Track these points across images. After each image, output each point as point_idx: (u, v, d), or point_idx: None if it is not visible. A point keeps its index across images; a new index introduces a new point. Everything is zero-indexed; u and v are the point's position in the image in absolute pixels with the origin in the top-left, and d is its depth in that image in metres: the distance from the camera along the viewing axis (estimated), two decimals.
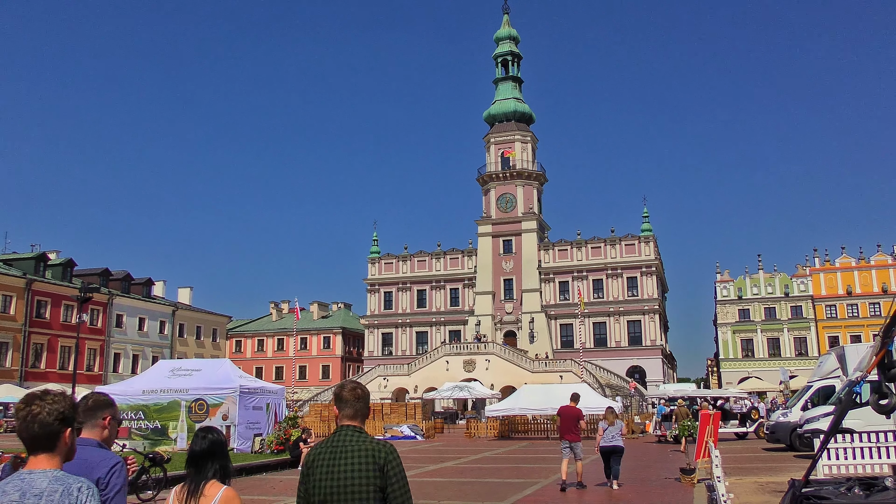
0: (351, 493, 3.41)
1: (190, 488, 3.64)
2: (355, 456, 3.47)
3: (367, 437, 3.57)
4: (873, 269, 66.94)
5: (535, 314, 70.66)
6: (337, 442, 3.55)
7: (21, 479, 2.74)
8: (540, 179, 77.03)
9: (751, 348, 69.09)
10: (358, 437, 3.55)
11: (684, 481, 15.61)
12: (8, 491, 2.70)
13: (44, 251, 60.53)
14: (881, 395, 5.68)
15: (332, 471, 3.46)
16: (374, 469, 3.44)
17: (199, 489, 3.63)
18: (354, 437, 3.56)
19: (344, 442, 3.54)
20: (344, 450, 3.50)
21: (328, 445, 3.56)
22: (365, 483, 3.42)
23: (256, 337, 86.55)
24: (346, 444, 3.53)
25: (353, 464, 3.45)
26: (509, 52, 78.81)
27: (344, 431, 3.60)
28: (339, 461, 3.47)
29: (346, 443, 3.53)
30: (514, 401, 36.25)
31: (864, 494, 5.53)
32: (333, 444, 3.55)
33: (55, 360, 56.56)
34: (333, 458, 3.49)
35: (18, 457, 12.76)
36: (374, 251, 79.41)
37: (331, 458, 3.50)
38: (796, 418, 23.67)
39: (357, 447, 3.50)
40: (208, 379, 25.08)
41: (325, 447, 3.56)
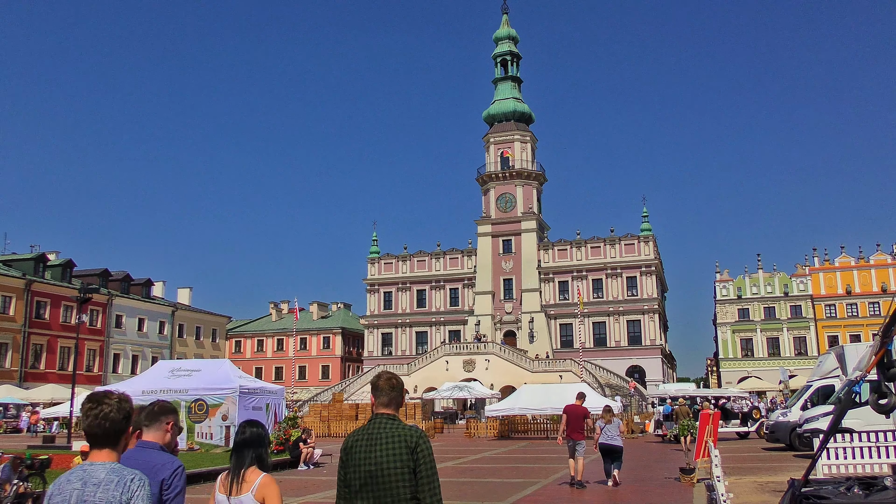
0: (387, 476, 3.66)
1: (233, 474, 4.02)
2: (390, 441, 3.73)
3: (400, 424, 3.84)
4: (872, 268, 66.94)
5: (535, 314, 70.67)
6: (373, 429, 3.82)
7: (83, 469, 3.08)
8: (539, 179, 77.03)
9: (750, 348, 69.10)
10: (392, 424, 3.83)
11: (684, 481, 15.62)
12: (72, 480, 3.06)
13: (43, 252, 60.48)
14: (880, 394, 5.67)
15: (369, 456, 3.73)
16: (406, 452, 3.69)
17: (241, 475, 4.01)
18: (389, 423, 3.83)
19: (379, 428, 3.81)
20: (379, 436, 3.77)
21: (365, 432, 3.84)
22: (399, 466, 3.67)
23: (256, 337, 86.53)
24: (381, 430, 3.79)
25: (389, 449, 3.71)
26: (508, 52, 78.81)
27: (379, 419, 3.87)
28: (376, 446, 3.74)
29: (382, 429, 3.80)
30: (513, 401, 36.24)
31: (863, 494, 5.52)
32: (370, 430, 3.83)
33: (55, 361, 56.55)
34: (370, 444, 3.76)
35: (18, 458, 12.78)
36: (373, 251, 79.41)
37: (368, 443, 3.77)
38: (796, 418, 23.68)
39: (391, 433, 3.77)
40: (208, 379, 25.07)
41: (363, 434, 3.84)
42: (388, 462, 3.68)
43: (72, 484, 3.05)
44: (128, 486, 3.03)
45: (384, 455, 3.70)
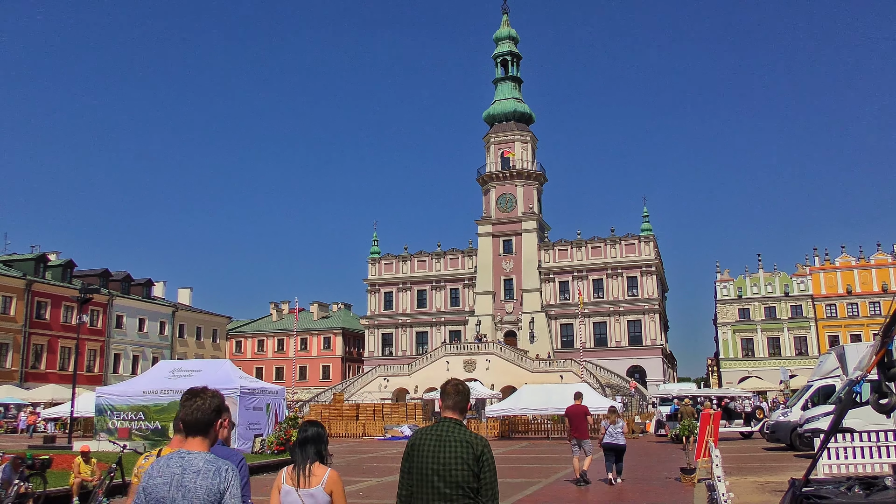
0: (452, 474, 4.10)
1: (299, 468, 4.39)
2: (457, 444, 4.16)
3: (465, 429, 4.28)
4: (873, 268, 66.92)
5: (536, 314, 70.67)
6: (441, 430, 4.26)
7: (181, 456, 3.38)
8: (540, 179, 77.03)
9: (751, 348, 69.07)
10: (458, 428, 4.27)
11: (685, 481, 15.63)
12: (171, 465, 3.35)
13: (44, 252, 60.49)
14: (881, 394, 5.68)
15: (437, 455, 4.15)
16: (472, 457, 4.13)
17: (307, 469, 4.39)
18: (456, 428, 4.26)
19: (447, 431, 4.23)
20: (448, 438, 4.19)
21: (433, 432, 4.27)
22: (465, 467, 4.10)
23: (256, 337, 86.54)
24: (448, 433, 4.22)
25: (456, 451, 4.14)
26: (509, 52, 78.82)
27: (446, 422, 4.29)
28: (444, 447, 4.17)
29: (449, 432, 4.22)
30: (514, 401, 36.25)
31: (864, 494, 5.53)
32: (438, 431, 4.26)
33: (55, 361, 56.57)
34: (438, 444, 4.19)
35: (19, 458, 12.78)
36: (374, 251, 79.41)
37: (436, 443, 4.20)
38: (796, 418, 23.67)
39: (458, 437, 4.20)
40: (208, 380, 25.01)
41: (431, 434, 4.27)
42: (455, 463, 4.10)
43: (171, 469, 3.33)
44: (223, 475, 3.34)
45: (451, 456, 4.12)
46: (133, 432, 24.45)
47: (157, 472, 3.36)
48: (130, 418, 24.82)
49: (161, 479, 3.32)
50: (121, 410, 25.05)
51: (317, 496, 4.33)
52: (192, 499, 3.27)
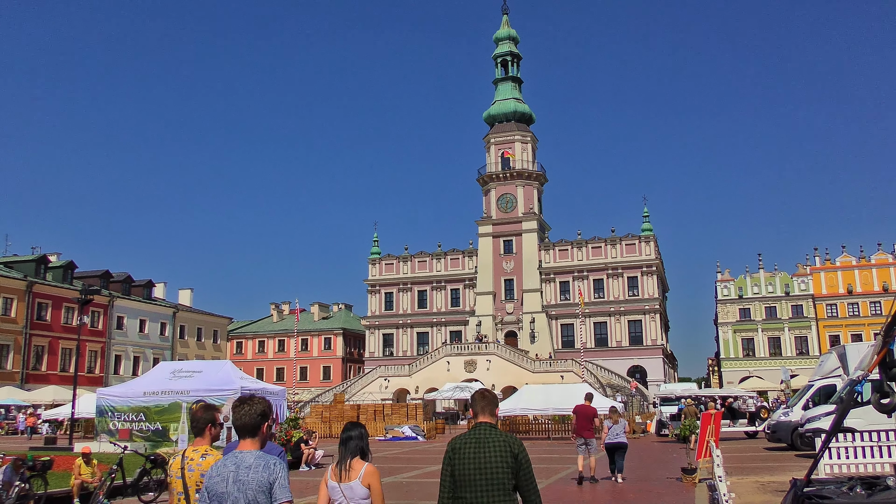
0: (492, 474, 4.46)
1: (340, 464, 4.80)
2: (495, 446, 4.54)
3: (501, 432, 4.66)
4: (874, 267, 66.89)
5: (536, 314, 70.66)
6: (478, 434, 4.63)
7: (235, 456, 3.93)
8: (540, 179, 77.03)
9: (752, 347, 69.04)
10: (494, 432, 4.65)
11: (686, 481, 15.62)
12: (227, 464, 3.90)
13: (44, 253, 60.48)
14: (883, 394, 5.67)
15: (477, 456, 4.52)
16: (510, 456, 4.51)
17: (348, 464, 4.78)
18: (492, 431, 4.65)
19: (484, 435, 4.61)
20: (486, 441, 4.57)
21: (472, 436, 4.64)
22: (504, 467, 4.48)
23: (257, 338, 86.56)
24: (486, 436, 4.60)
25: (495, 451, 4.52)
26: (509, 53, 78.83)
27: (482, 426, 4.68)
28: (483, 449, 4.54)
29: (486, 435, 4.60)
30: (515, 401, 36.23)
31: (866, 494, 5.51)
32: (476, 435, 4.63)
33: (56, 363, 56.56)
34: (478, 447, 4.55)
35: (20, 459, 12.78)
36: (374, 252, 79.41)
37: (475, 446, 4.56)
38: (797, 418, 23.65)
39: (495, 439, 4.58)
40: (209, 380, 25.05)
41: (469, 438, 4.64)
42: (495, 462, 4.48)
43: (227, 467, 3.89)
44: (272, 468, 3.88)
45: (491, 457, 4.50)
46: (134, 433, 24.43)
47: (215, 472, 3.93)
48: (131, 419, 24.80)
49: (219, 477, 3.88)
50: (121, 412, 25.04)
51: (355, 489, 4.72)
52: (245, 491, 3.79)
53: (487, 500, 4.44)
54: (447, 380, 56.10)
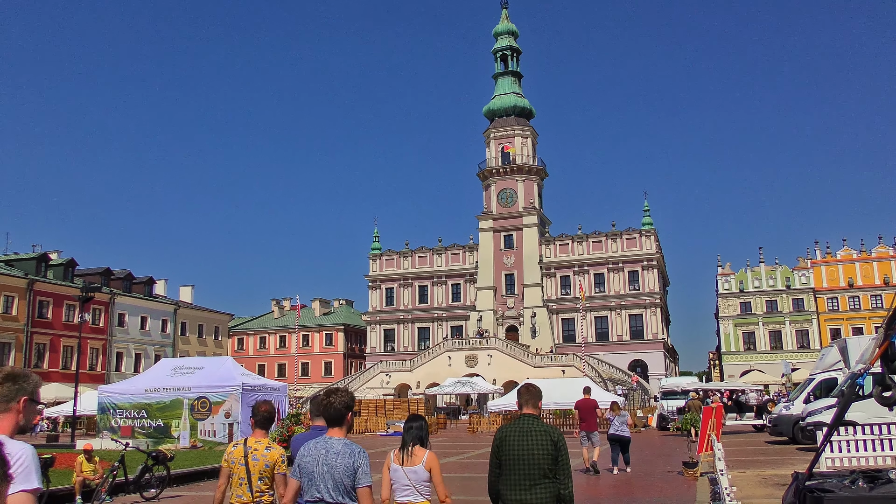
0: (536, 459, 5.05)
1: (403, 451, 5.44)
2: (538, 435, 5.13)
3: (542, 423, 5.26)
4: (875, 261, 66.82)
5: (537, 309, 70.67)
6: (523, 424, 5.22)
7: (325, 441, 4.54)
8: (540, 174, 76.96)
9: (752, 341, 69.02)
10: (537, 422, 5.25)
11: (687, 475, 15.63)
12: (317, 447, 4.49)
13: (45, 251, 60.45)
14: (884, 387, 5.66)
15: (522, 444, 5.11)
16: (551, 444, 5.09)
17: (410, 451, 5.41)
18: (534, 422, 5.24)
19: (528, 424, 5.20)
20: (530, 430, 5.16)
21: (517, 426, 5.23)
22: (545, 453, 5.07)
23: (258, 334, 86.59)
24: (530, 426, 5.18)
25: (537, 440, 5.11)
26: (508, 47, 78.68)
27: (526, 417, 5.27)
28: (527, 438, 5.12)
29: (531, 425, 5.19)
30: (516, 396, 36.22)
31: (867, 487, 5.50)
32: (521, 425, 5.22)
33: (58, 360, 56.58)
34: (522, 435, 5.14)
35: None
36: (375, 247, 79.40)
37: (520, 435, 5.15)
38: (799, 411, 23.65)
39: (538, 428, 5.18)
40: (211, 377, 25.10)
41: (514, 428, 5.23)
42: (538, 449, 5.07)
43: (317, 450, 4.49)
44: (356, 456, 4.46)
45: (535, 444, 5.09)
46: (136, 430, 24.48)
47: (307, 453, 4.54)
48: (133, 416, 24.85)
49: (310, 457, 4.49)
50: (123, 408, 25.08)
51: (418, 472, 5.37)
52: (333, 473, 4.40)
53: (530, 483, 5.05)
54: (448, 375, 56.16)
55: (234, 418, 23.85)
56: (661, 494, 13.65)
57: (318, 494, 4.43)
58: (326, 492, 4.42)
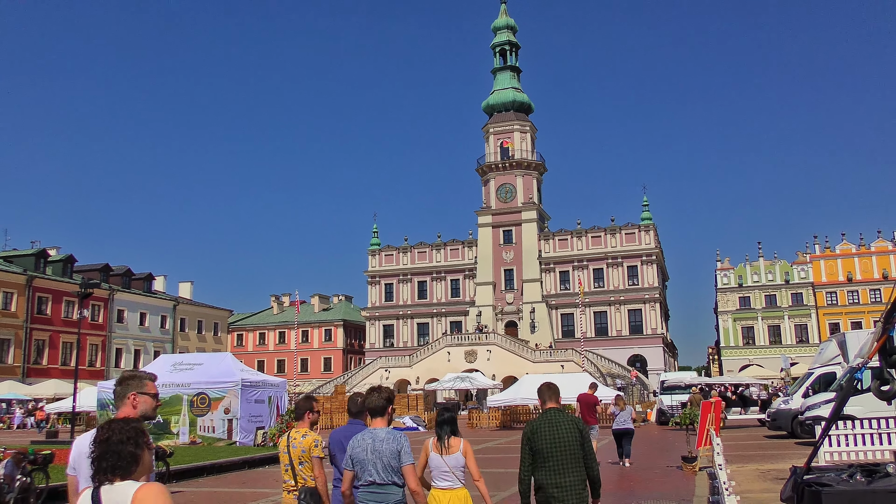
0: (566, 447, 5.67)
1: (440, 441, 5.96)
2: (566, 424, 5.76)
3: (567, 414, 5.90)
4: (874, 255, 66.91)
5: (536, 304, 70.72)
6: (550, 417, 5.82)
7: (371, 431, 5.30)
8: (539, 169, 76.94)
9: (751, 336, 69.14)
10: (563, 414, 5.87)
11: (686, 469, 15.66)
12: (365, 437, 5.25)
13: (44, 247, 60.47)
14: (883, 381, 5.67)
15: (552, 434, 5.71)
16: (577, 432, 5.73)
17: (446, 441, 5.95)
18: (560, 414, 5.86)
19: (555, 416, 5.81)
20: (558, 421, 5.77)
21: (545, 419, 5.82)
22: (574, 440, 5.70)
23: (258, 330, 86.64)
24: (557, 418, 5.80)
25: (566, 429, 5.73)
26: (507, 42, 78.58)
27: (552, 411, 5.88)
28: (557, 428, 5.73)
29: (558, 417, 5.81)
30: (515, 391, 36.30)
31: (866, 481, 5.51)
32: (548, 418, 5.81)
33: (57, 357, 56.63)
34: (552, 427, 5.75)
35: (21, 453, 12.79)
36: (374, 243, 79.41)
37: (550, 427, 5.75)
38: (797, 405, 23.71)
39: (565, 419, 5.81)
40: (210, 373, 25.11)
41: (544, 421, 5.81)
42: (568, 436, 5.69)
43: (365, 441, 5.23)
44: (399, 440, 5.22)
45: (565, 433, 5.70)
46: None
47: (356, 445, 5.25)
48: None
49: (360, 448, 5.21)
50: None
51: (458, 459, 5.91)
52: (381, 457, 5.13)
53: (564, 468, 5.66)
54: (448, 370, 56.16)
55: (234, 414, 23.87)
56: (661, 489, 13.68)
57: (371, 478, 5.16)
58: (377, 474, 5.14)
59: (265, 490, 14.97)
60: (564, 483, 5.62)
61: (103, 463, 2.98)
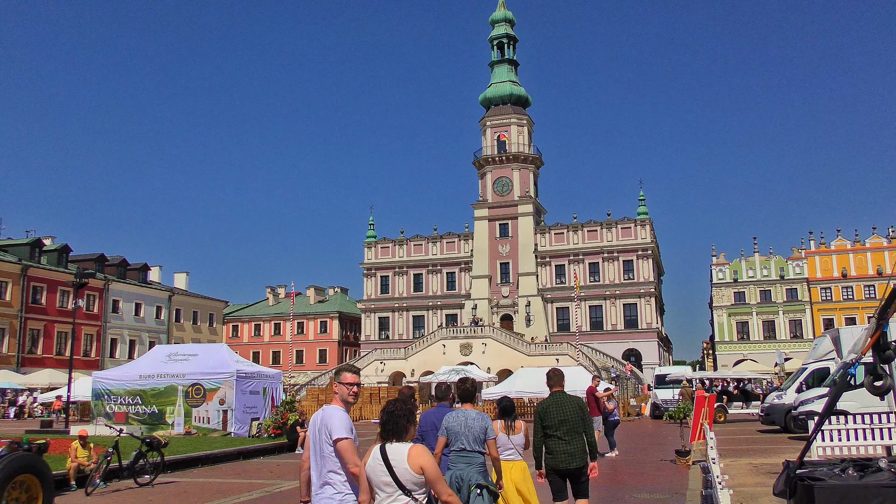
0: (571, 420, 7.55)
1: (507, 424, 7.53)
2: (570, 403, 7.69)
3: (570, 395, 7.80)
4: (868, 251, 67.07)
5: (532, 297, 70.78)
6: (557, 398, 7.76)
7: (463, 412, 6.61)
8: (536, 163, 76.87)
9: (746, 331, 69.32)
10: (566, 395, 7.78)
11: (679, 463, 15.71)
12: (458, 416, 6.55)
13: (39, 237, 60.24)
14: (876, 376, 5.69)
15: (559, 412, 7.62)
16: (579, 408, 7.68)
17: (513, 423, 7.54)
18: (564, 395, 7.78)
19: (561, 398, 7.74)
20: (563, 401, 7.71)
21: (553, 400, 7.76)
22: (577, 417, 7.59)
23: (253, 322, 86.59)
24: (562, 399, 7.73)
25: (570, 406, 7.66)
26: (505, 35, 78.38)
27: (559, 393, 7.80)
28: (563, 407, 7.65)
29: (563, 398, 7.74)
30: (510, 384, 36.38)
31: (858, 476, 5.54)
32: (556, 399, 7.75)
33: (52, 346, 56.54)
34: (559, 406, 7.67)
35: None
36: (370, 235, 79.34)
37: (557, 406, 7.67)
38: (791, 400, 23.81)
39: (569, 399, 7.73)
40: (205, 364, 25.10)
41: (552, 401, 7.75)
42: (571, 413, 7.60)
43: (459, 417, 6.53)
44: (485, 420, 6.58)
45: (569, 410, 7.62)
46: (130, 416, 24.51)
47: (451, 419, 6.55)
48: (127, 402, 24.87)
49: (455, 422, 6.51)
50: (118, 395, 25.09)
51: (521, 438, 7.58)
52: (471, 431, 6.43)
53: (569, 437, 7.53)
54: (443, 363, 56.22)
55: (229, 405, 23.87)
56: (654, 482, 13.74)
57: (462, 445, 6.46)
58: (468, 444, 6.44)
59: (259, 481, 15.00)
60: (570, 450, 7.53)
61: (388, 427, 4.44)
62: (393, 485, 4.26)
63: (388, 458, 4.29)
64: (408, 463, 4.25)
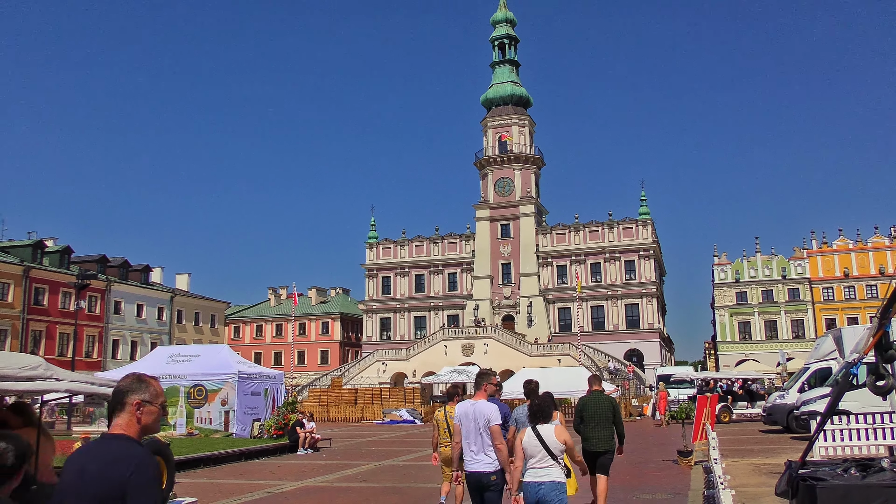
0: (604, 413, 9.67)
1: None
2: (605, 401, 9.84)
3: (605, 395, 10.04)
4: (870, 251, 67.00)
5: (534, 298, 70.78)
6: (595, 396, 9.90)
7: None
8: (537, 163, 76.87)
9: (748, 331, 69.26)
10: (602, 395, 10.01)
11: (682, 463, 15.70)
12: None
13: (41, 238, 60.30)
14: (878, 376, 5.69)
15: (595, 407, 9.75)
16: (612, 405, 9.83)
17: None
18: (601, 394, 10.01)
19: (598, 396, 9.90)
20: (600, 399, 9.86)
21: (592, 397, 9.91)
22: (608, 412, 9.69)
23: (255, 323, 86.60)
24: (599, 397, 9.90)
25: (605, 404, 9.79)
26: (506, 36, 78.41)
27: (596, 392, 10.01)
28: (599, 403, 9.78)
29: (599, 396, 9.91)
30: (512, 385, 36.29)
31: (860, 475, 5.53)
32: (593, 397, 9.91)
33: (54, 347, 56.56)
34: (596, 402, 9.79)
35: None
36: (371, 236, 79.37)
37: (595, 402, 9.79)
38: (793, 400, 23.79)
39: (604, 398, 9.91)
40: (207, 365, 25.10)
41: (590, 398, 9.91)
42: (605, 410, 9.67)
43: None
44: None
45: (603, 406, 9.72)
46: None
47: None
48: None
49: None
50: None
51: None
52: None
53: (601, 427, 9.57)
54: (445, 363, 56.23)
55: (230, 406, 23.88)
56: (656, 482, 13.72)
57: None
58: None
59: (261, 482, 15.00)
60: (601, 436, 9.55)
61: (538, 414, 6.46)
62: (544, 452, 6.24)
63: (540, 435, 6.30)
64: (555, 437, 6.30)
